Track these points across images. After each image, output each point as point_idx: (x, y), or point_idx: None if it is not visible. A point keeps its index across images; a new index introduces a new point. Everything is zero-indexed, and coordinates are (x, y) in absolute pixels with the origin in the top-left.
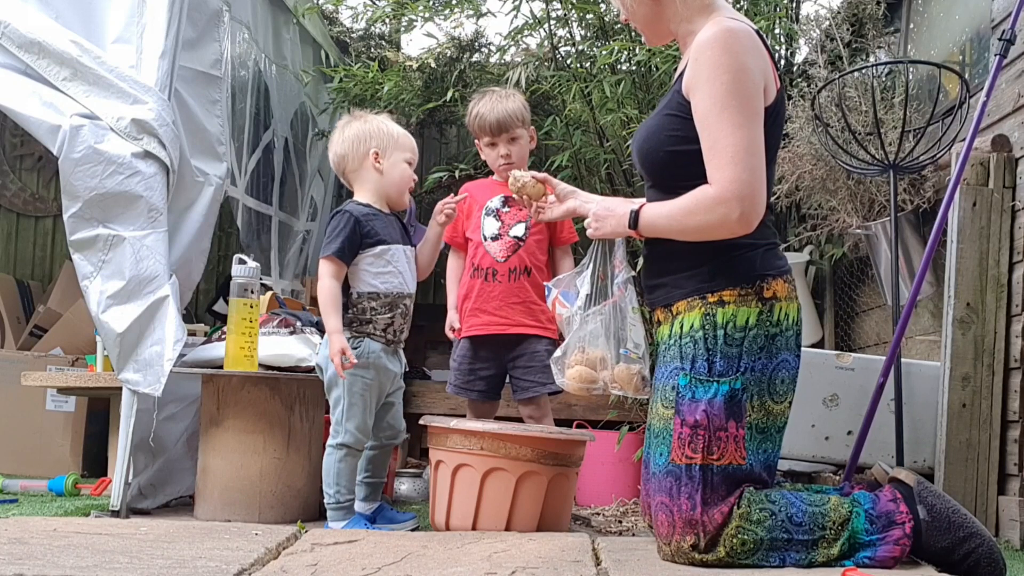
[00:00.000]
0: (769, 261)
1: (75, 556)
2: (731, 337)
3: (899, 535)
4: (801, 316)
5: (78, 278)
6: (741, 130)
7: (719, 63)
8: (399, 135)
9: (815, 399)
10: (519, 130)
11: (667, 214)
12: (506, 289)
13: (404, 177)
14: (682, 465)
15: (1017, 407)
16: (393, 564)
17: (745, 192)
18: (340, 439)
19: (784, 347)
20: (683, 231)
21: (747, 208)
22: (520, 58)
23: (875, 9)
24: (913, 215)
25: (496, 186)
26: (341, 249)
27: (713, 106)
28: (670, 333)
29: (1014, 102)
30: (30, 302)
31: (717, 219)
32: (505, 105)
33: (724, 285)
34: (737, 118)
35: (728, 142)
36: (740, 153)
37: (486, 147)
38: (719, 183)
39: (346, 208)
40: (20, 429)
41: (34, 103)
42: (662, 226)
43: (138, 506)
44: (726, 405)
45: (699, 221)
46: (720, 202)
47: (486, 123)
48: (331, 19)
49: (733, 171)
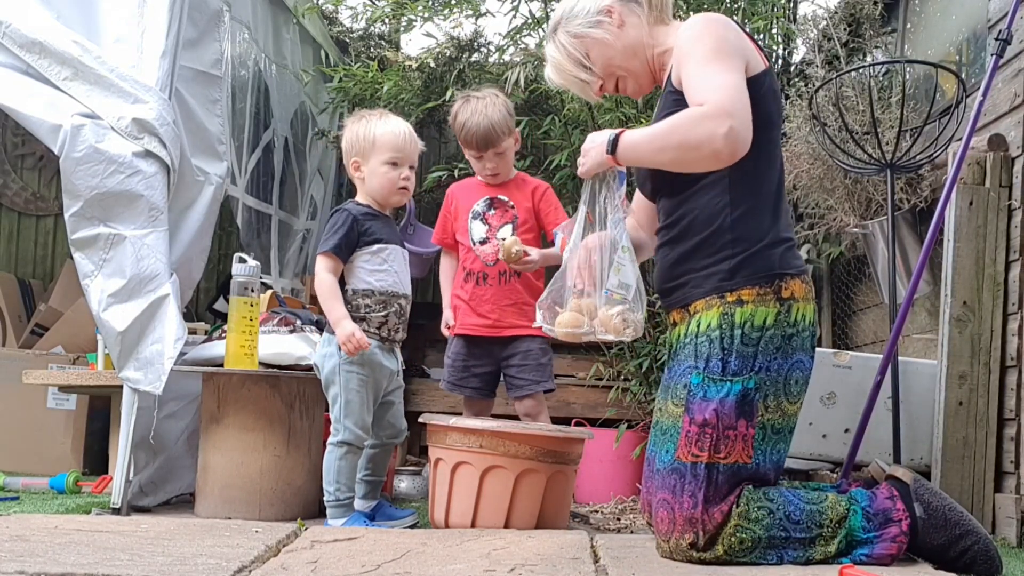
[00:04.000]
0: (788, 260)
1: (76, 553)
2: (748, 337)
3: (896, 532)
4: (816, 317)
5: (79, 277)
6: (728, 74)
7: (699, 36)
8: (376, 135)
9: (813, 397)
10: (504, 142)
11: (648, 133)
12: (497, 292)
13: (385, 183)
14: (687, 463)
15: (1013, 405)
16: (393, 561)
17: (734, 111)
18: (340, 437)
19: (799, 348)
20: (663, 148)
21: (734, 127)
22: (519, 58)
23: (872, 9)
24: (910, 214)
25: (480, 187)
26: (338, 246)
27: (698, 65)
28: (686, 332)
29: (1010, 101)
30: (31, 301)
31: (703, 134)
32: (489, 117)
33: (743, 284)
34: (723, 67)
35: (714, 80)
36: (728, 88)
37: (471, 157)
38: (708, 103)
39: (345, 207)
40: (21, 427)
41: (35, 103)
42: (643, 147)
43: (139, 503)
44: (738, 404)
45: (683, 137)
46: (708, 116)
47: (471, 138)
48: (331, 19)
49: (722, 94)
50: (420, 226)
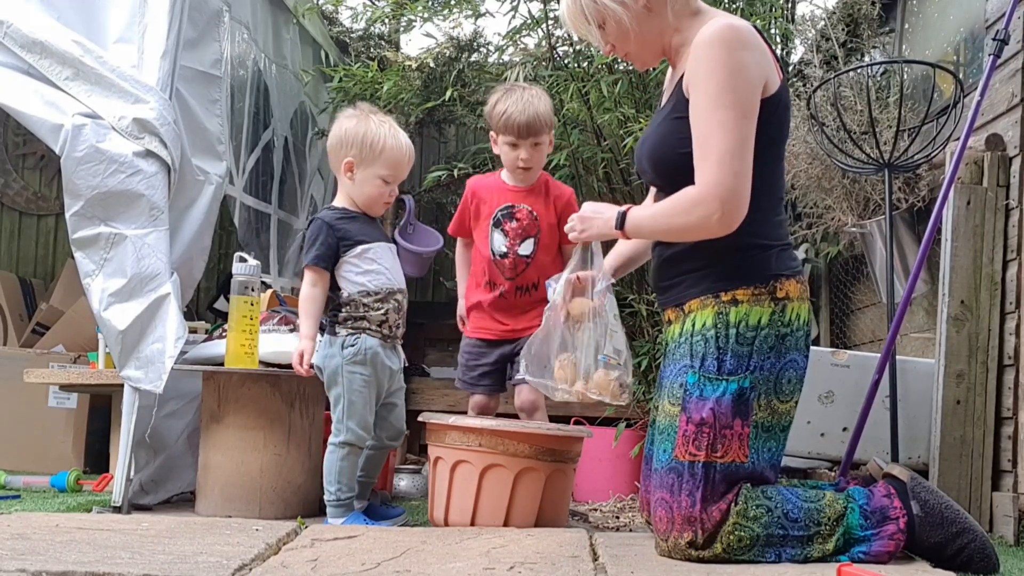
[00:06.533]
0: (783, 261)
1: (77, 551)
2: (743, 336)
3: (893, 530)
4: (811, 317)
5: (80, 276)
6: (731, 133)
7: (717, 59)
8: (384, 149)
9: (811, 396)
10: (544, 135)
11: (651, 215)
12: (513, 303)
13: (375, 195)
14: (685, 462)
15: (1011, 404)
16: (392, 559)
17: (726, 196)
18: (342, 437)
19: (793, 347)
20: (668, 231)
21: (727, 210)
22: (518, 58)
23: (870, 9)
24: (908, 213)
25: (504, 190)
26: (318, 257)
27: (707, 104)
28: (681, 331)
29: (1008, 102)
30: (32, 300)
31: (697, 220)
32: (536, 107)
33: (738, 284)
34: (729, 118)
35: (716, 143)
36: (726, 156)
37: (505, 145)
38: (702, 185)
39: (318, 216)
40: (23, 426)
41: (36, 102)
42: (647, 227)
43: (139, 502)
44: (734, 403)
45: (681, 222)
46: (700, 203)
47: (513, 124)
48: (331, 19)
49: (718, 174)
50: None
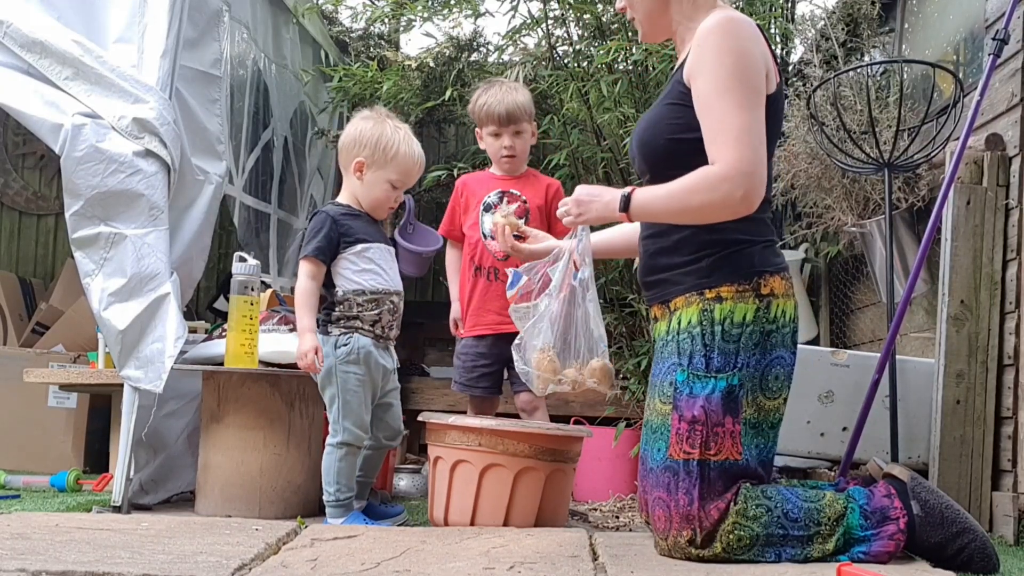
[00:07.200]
0: (767, 258)
1: (77, 551)
2: (728, 333)
3: (893, 530)
4: (798, 313)
5: (80, 276)
6: (745, 112)
7: (722, 47)
8: (397, 154)
9: (810, 395)
10: (525, 124)
11: (666, 193)
12: (502, 290)
13: (382, 198)
14: (680, 460)
15: (1010, 403)
16: (392, 559)
17: (749, 170)
18: (340, 438)
19: (779, 344)
20: (683, 211)
21: (751, 187)
22: (518, 57)
23: (870, 9)
24: (908, 213)
25: (493, 179)
26: (318, 249)
27: (716, 88)
28: (667, 329)
29: (1008, 101)
30: (32, 299)
31: (721, 197)
32: (514, 97)
33: (722, 281)
34: (740, 100)
35: (732, 123)
36: (744, 134)
37: (488, 136)
38: (724, 162)
39: (323, 209)
40: (22, 425)
41: (36, 102)
42: (659, 207)
43: (139, 502)
44: (723, 401)
45: (702, 200)
46: (725, 179)
47: (494, 112)
48: (331, 19)
49: (738, 150)
50: (420, 225)
